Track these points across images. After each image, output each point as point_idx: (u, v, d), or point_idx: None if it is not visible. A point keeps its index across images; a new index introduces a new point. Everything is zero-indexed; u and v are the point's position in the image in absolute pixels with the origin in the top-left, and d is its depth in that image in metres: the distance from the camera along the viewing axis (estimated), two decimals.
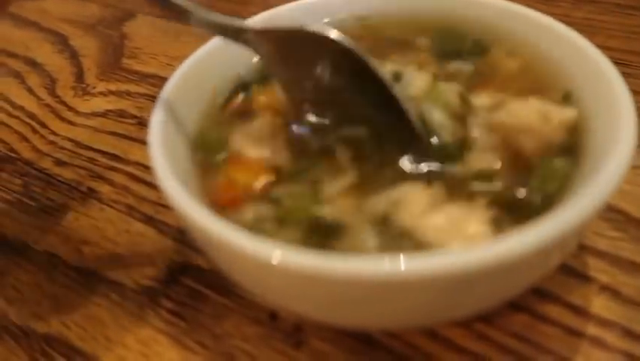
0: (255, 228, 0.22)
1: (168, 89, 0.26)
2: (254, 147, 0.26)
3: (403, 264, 0.17)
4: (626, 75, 0.38)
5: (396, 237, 0.21)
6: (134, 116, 0.41)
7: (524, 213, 0.21)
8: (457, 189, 0.23)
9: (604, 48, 0.41)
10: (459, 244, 0.21)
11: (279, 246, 0.19)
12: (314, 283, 0.19)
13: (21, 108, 0.44)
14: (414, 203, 0.22)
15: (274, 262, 0.18)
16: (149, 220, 0.32)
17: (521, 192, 0.23)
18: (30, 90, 0.46)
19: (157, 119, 0.24)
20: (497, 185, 0.23)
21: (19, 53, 0.51)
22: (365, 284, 0.18)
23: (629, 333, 0.23)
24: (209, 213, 0.20)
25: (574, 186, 0.22)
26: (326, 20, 0.32)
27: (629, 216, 0.28)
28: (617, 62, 0.39)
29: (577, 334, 0.24)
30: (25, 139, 0.40)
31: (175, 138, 0.25)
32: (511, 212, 0.22)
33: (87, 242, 0.31)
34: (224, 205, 0.24)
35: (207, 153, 0.26)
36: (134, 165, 0.36)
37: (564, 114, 0.24)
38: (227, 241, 0.19)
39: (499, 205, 0.22)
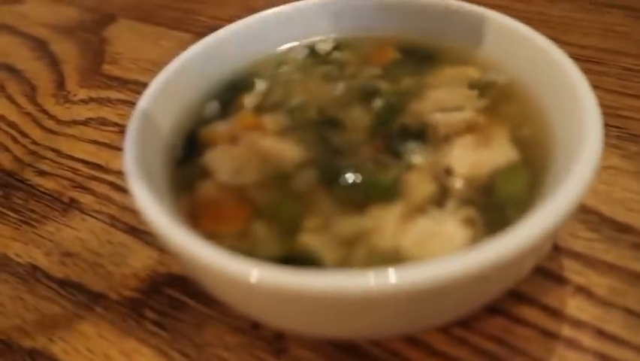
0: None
1: (145, 99, 0.26)
2: (229, 176, 0.26)
3: (390, 278, 0.18)
4: (601, 73, 0.39)
5: (377, 261, 0.21)
6: (115, 124, 0.41)
7: (497, 214, 0.22)
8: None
9: (579, 46, 0.42)
10: (442, 251, 0.21)
11: (259, 265, 0.19)
12: (297, 301, 0.19)
13: (1, 117, 0.43)
14: (387, 224, 0.22)
15: (253, 281, 0.18)
16: (131, 231, 0.32)
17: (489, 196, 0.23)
18: (10, 98, 0.46)
19: (132, 134, 0.24)
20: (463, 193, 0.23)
21: None
22: (352, 300, 0.18)
23: (601, 333, 0.24)
24: (186, 233, 0.20)
25: (544, 191, 0.22)
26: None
27: (602, 216, 0.28)
28: (592, 61, 0.40)
29: (552, 335, 0.24)
30: (7, 149, 0.40)
31: (151, 150, 0.25)
32: (485, 212, 0.22)
33: (69, 254, 0.32)
34: (203, 222, 0.24)
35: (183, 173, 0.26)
36: (115, 174, 0.36)
37: (496, 160, 0.24)
38: (206, 262, 0.19)
39: (471, 206, 0.22)
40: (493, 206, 0.23)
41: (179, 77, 0.29)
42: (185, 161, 0.27)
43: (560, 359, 0.23)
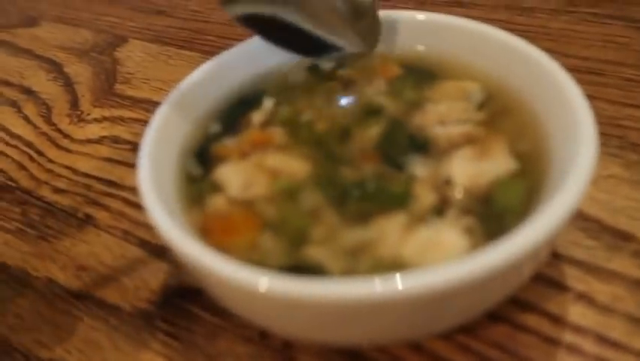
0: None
1: (157, 118, 0.28)
2: (239, 191, 0.26)
3: (395, 284, 0.18)
4: (602, 84, 0.40)
5: (380, 270, 0.22)
6: (128, 142, 0.42)
7: (496, 223, 0.23)
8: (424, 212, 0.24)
9: (580, 58, 0.43)
10: (442, 260, 0.22)
11: (268, 274, 0.20)
12: (306, 309, 0.20)
13: (18, 137, 0.45)
14: (390, 234, 0.23)
15: (262, 290, 0.19)
16: (144, 245, 0.33)
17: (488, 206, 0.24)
18: (26, 119, 0.47)
19: (145, 152, 0.26)
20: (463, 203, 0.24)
21: (14, 81, 0.53)
22: (359, 306, 0.19)
23: (602, 339, 0.24)
24: (198, 245, 0.21)
25: (542, 201, 0.23)
26: None
27: (603, 224, 0.29)
28: (593, 72, 0.41)
29: (554, 342, 0.25)
30: (24, 168, 0.42)
31: (163, 167, 0.26)
32: (484, 222, 0.23)
33: (85, 268, 0.33)
34: (214, 234, 0.25)
35: (193, 194, 0.27)
36: (129, 190, 0.37)
37: (495, 171, 0.25)
38: (216, 272, 0.20)
39: (471, 216, 0.23)
40: (491, 216, 0.23)
41: (190, 96, 0.30)
42: (197, 176, 0.28)
43: None
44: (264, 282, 0.19)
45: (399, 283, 0.19)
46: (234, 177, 0.27)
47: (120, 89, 0.49)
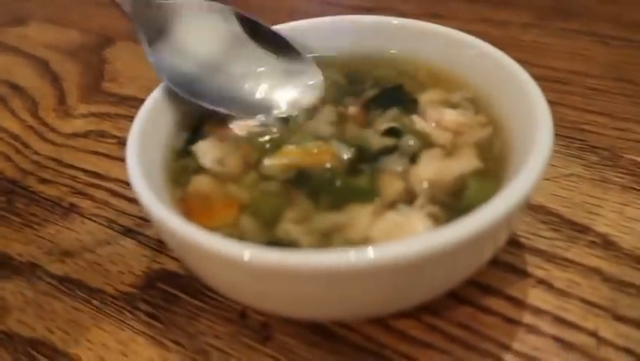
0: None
1: (147, 105, 0.29)
2: (211, 163, 0.29)
3: (368, 254, 0.20)
4: (567, 92, 0.42)
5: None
6: (115, 136, 0.43)
7: (460, 213, 0.24)
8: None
9: (548, 68, 0.45)
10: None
11: (250, 246, 0.21)
12: (283, 279, 0.21)
13: (4, 130, 0.46)
14: (360, 218, 0.25)
15: (246, 259, 0.21)
16: (128, 232, 0.34)
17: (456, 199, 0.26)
18: (13, 113, 0.48)
19: (134, 134, 0.27)
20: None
21: (1, 77, 0.54)
22: (334, 275, 0.20)
23: (559, 320, 0.26)
24: (183, 221, 0.23)
25: (500, 188, 0.24)
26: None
27: (563, 218, 0.31)
28: (560, 81, 0.43)
29: (514, 322, 0.26)
30: (9, 159, 0.42)
31: (150, 151, 0.27)
32: (448, 211, 0.25)
33: (69, 253, 0.33)
34: (196, 215, 0.26)
35: (178, 170, 0.29)
36: (114, 181, 0.38)
37: (460, 167, 0.27)
38: (200, 244, 0.22)
39: (437, 205, 0.25)
40: (457, 207, 0.25)
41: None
42: (183, 152, 0.30)
43: (521, 343, 0.26)
44: (247, 251, 0.21)
45: (370, 253, 0.20)
46: (210, 150, 0.29)
47: (107, 87, 0.50)
